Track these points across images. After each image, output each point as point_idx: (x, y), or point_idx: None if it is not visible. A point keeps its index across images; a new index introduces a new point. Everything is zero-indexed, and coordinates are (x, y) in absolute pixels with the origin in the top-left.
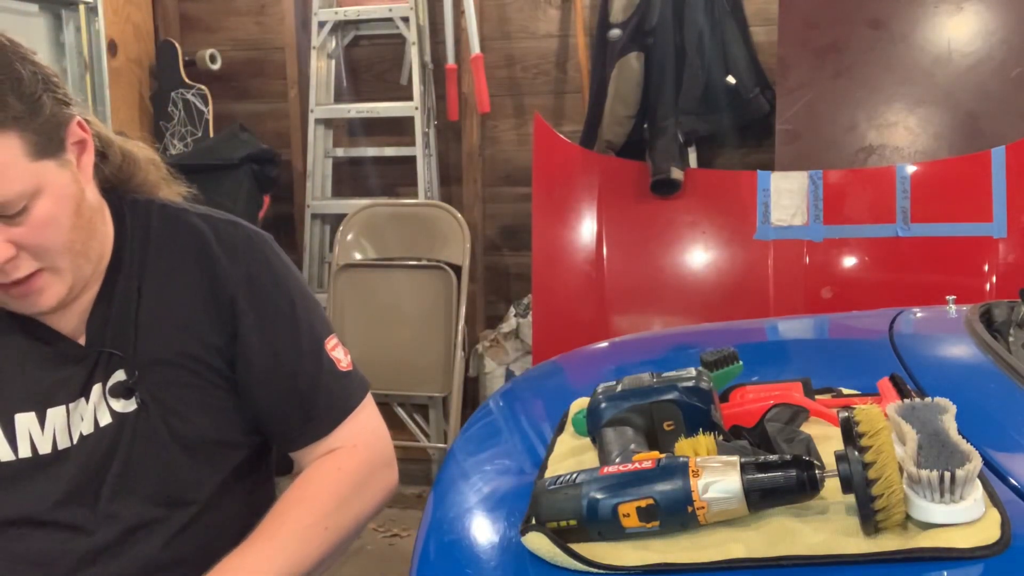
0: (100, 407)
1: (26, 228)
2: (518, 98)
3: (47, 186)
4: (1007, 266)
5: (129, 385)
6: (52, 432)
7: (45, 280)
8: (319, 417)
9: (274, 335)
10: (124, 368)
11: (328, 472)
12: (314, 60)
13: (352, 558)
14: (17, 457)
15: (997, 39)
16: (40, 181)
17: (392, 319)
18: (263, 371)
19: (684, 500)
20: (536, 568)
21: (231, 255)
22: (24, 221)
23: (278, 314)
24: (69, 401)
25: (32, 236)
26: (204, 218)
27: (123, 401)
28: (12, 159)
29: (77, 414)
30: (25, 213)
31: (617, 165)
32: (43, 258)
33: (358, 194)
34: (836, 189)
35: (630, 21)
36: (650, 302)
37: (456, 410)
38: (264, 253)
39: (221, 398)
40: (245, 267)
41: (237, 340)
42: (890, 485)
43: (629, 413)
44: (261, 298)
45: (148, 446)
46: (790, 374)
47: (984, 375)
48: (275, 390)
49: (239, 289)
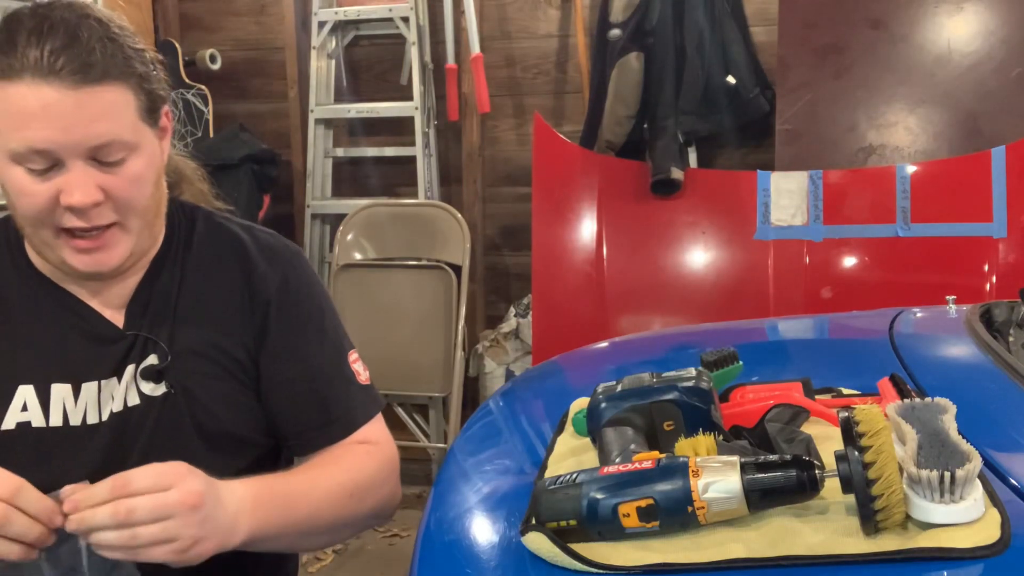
0: (130, 388)
1: (118, 179)
2: (518, 98)
3: (143, 147)
4: (1007, 266)
5: (160, 369)
6: (84, 406)
7: (116, 236)
8: (335, 423)
9: (302, 340)
10: (157, 353)
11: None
12: (314, 60)
13: (352, 558)
14: (48, 425)
15: (997, 39)
16: (140, 140)
17: (392, 319)
18: (288, 373)
19: (684, 500)
20: (536, 568)
21: (269, 262)
22: (118, 172)
23: (308, 321)
24: (102, 378)
25: (121, 188)
26: (244, 228)
27: (152, 384)
28: (127, 108)
29: (108, 392)
30: (120, 164)
31: (617, 165)
32: (122, 212)
33: (358, 194)
34: (836, 189)
35: (630, 21)
36: (650, 302)
37: (456, 410)
38: (298, 264)
39: (244, 395)
40: (281, 274)
41: (266, 341)
42: (890, 485)
43: (629, 413)
44: (293, 304)
45: (171, 431)
46: (790, 374)
47: (984, 375)
48: (296, 393)
49: (274, 294)
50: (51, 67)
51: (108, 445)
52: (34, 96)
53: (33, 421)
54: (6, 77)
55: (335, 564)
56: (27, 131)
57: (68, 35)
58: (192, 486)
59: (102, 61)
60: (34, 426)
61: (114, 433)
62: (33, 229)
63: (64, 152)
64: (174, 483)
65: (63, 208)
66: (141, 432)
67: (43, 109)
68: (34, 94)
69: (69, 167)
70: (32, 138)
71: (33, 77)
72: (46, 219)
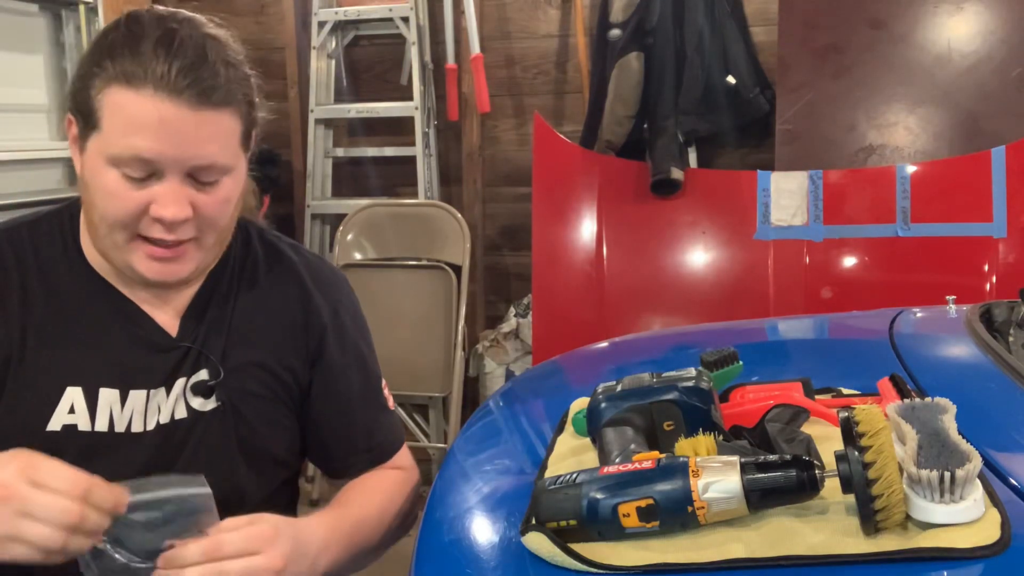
0: (179, 402)
1: (209, 198)
2: (518, 98)
3: (236, 170)
4: (1007, 266)
5: (211, 385)
6: (130, 413)
7: (191, 251)
8: (376, 449)
9: (351, 368)
10: (208, 368)
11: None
12: (314, 60)
13: None
14: (94, 429)
15: (997, 39)
16: (237, 164)
17: (392, 319)
18: (338, 399)
19: (684, 500)
20: (536, 568)
21: (322, 288)
22: (210, 192)
23: (356, 350)
24: (151, 388)
25: (210, 207)
26: (295, 249)
27: (201, 400)
28: (234, 134)
29: (155, 403)
30: (215, 186)
31: (617, 165)
32: (204, 229)
33: (358, 194)
34: (836, 189)
35: (630, 21)
36: (650, 302)
37: (456, 410)
38: (347, 291)
39: (287, 416)
40: (334, 303)
41: (319, 367)
42: (890, 485)
43: (629, 413)
44: (343, 333)
45: (216, 447)
46: (790, 374)
47: (984, 375)
48: (346, 418)
49: (328, 321)
50: (176, 85)
51: (151, 456)
52: (154, 108)
53: (79, 425)
54: (128, 84)
55: None
56: (137, 139)
57: (196, 55)
58: (280, 550)
59: (224, 86)
60: (80, 430)
61: (158, 445)
62: (109, 230)
63: (168, 165)
64: (263, 548)
65: (150, 218)
66: (186, 446)
67: (160, 123)
68: (154, 106)
69: (166, 180)
70: (141, 147)
71: (156, 91)
72: (129, 225)
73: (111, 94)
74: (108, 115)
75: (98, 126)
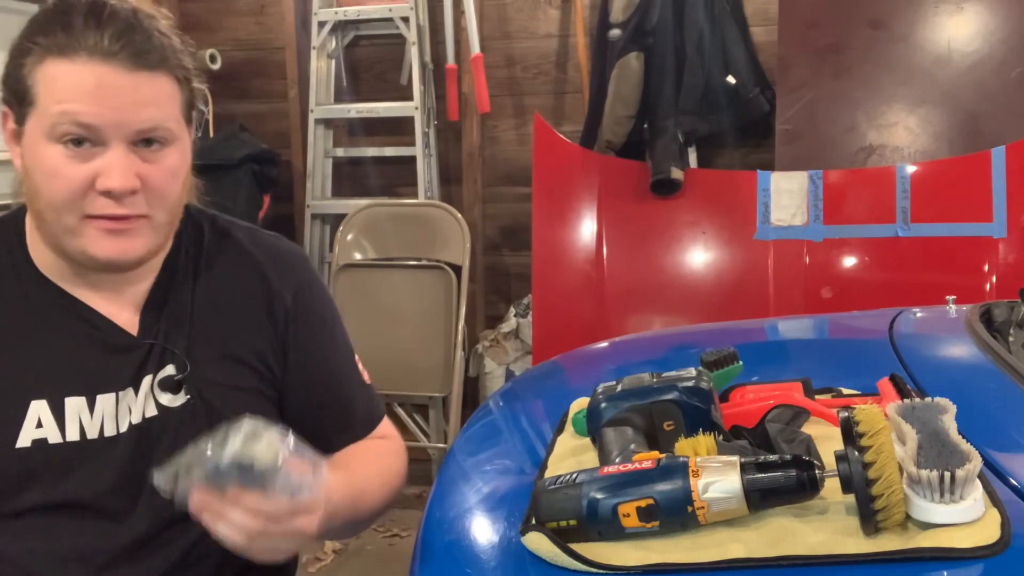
0: (148, 399)
1: (156, 168)
2: (518, 98)
3: (181, 141)
4: (1007, 266)
5: (178, 380)
6: (101, 418)
7: (143, 227)
8: (359, 423)
9: (321, 345)
10: (175, 363)
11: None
12: (314, 60)
13: (352, 558)
14: (65, 440)
15: (997, 39)
16: (180, 134)
17: (392, 319)
18: (312, 379)
19: (684, 500)
20: (536, 568)
21: (282, 270)
22: (157, 162)
23: (322, 327)
24: (119, 389)
25: (158, 178)
26: (250, 232)
27: (170, 395)
28: (173, 100)
29: (125, 404)
30: (160, 155)
31: (617, 165)
32: (154, 205)
33: (358, 194)
34: (836, 189)
35: (630, 21)
36: (650, 302)
37: (456, 410)
38: (308, 269)
39: (262, 404)
40: (295, 282)
41: (288, 350)
42: (890, 485)
43: (629, 413)
44: (310, 312)
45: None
46: (790, 374)
47: (984, 375)
48: (322, 397)
49: (291, 303)
50: (110, 49)
51: (129, 457)
52: (90, 73)
53: (49, 438)
54: (61, 54)
55: (335, 564)
56: (75, 104)
57: (126, 22)
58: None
59: (159, 49)
60: (51, 442)
61: (134, 445)
62: (56, 215)
63: (110, 132)
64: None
65: (96, 193)
66: (161, 443)
67: (98, 86)
68: (89, 71)
69: (110, 149)
70: (79, 111)
71: (91, 56)
72: (76, 204)
73: (44, 68)
74: (43, 89)
75: (33, 103)
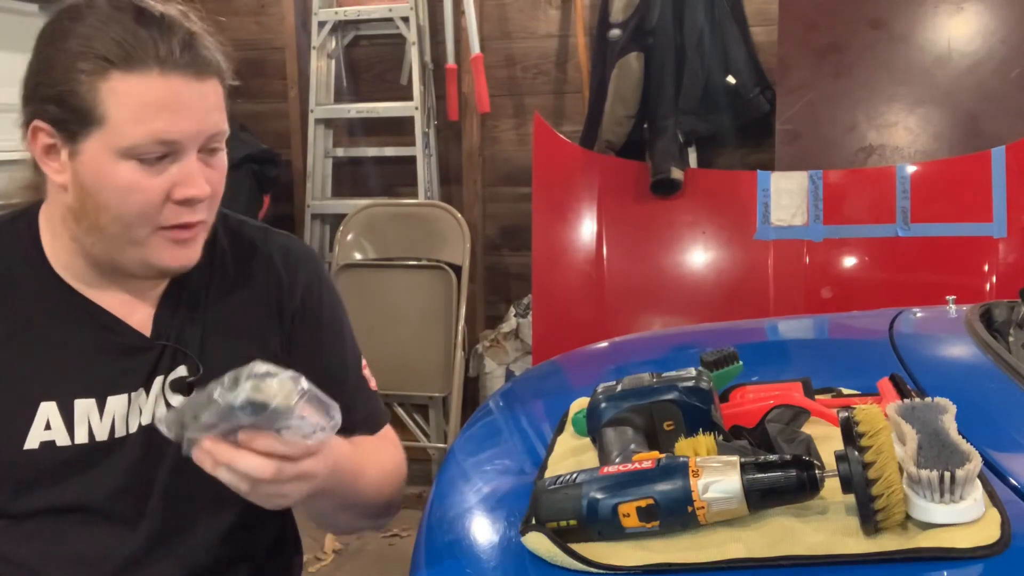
0: (159, 401)
1: (216, 172)
2: (518, 98)
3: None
4: (1007, 266)
5: (191, 381)
6: (111, 419)
7: (201, 232)
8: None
9: (327, 346)
10: (187, 364)
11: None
12: (314, 60)
13: (352, 558)
14: (73, 443)
15: (997, 39)
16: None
17: (392, 319)
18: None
19: (684, 500)
20: (536, 568)
21: (292, 269)
22: (215, 164)
23: (331, 328)
24: (131, 390)
25: (217, 181)
26: (261, 231)
27: (181, 397)
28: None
29: (136, 405)
30: (217, 157)
31: (617, 165)
32: (211, 209)
33: (358, 194)
34: (836, 189)
35: (630, 21)
36: (650, 302)
37: (456, 410)
38: (319, 269)
39: None
40: (305, 281)
41: (295, 350)
42: (890, 485)
43: (629, 413)
44: (317, 311)
45: None
46: (790, 374)
47: (984, 375)
48: None
49: (300, 303)
50: (179, 60)
51: (137, 458)
52: (165, 87)
53: (58, 440)
54: (129, 68)
55: (335, 564)
56: (158, 122)
57: (185, 29)
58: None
59: (212, 56)
60: (59, 445)
61: (143, 446)
62: (125, 229)
63: (187, 143)
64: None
65: (171, 203)
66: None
67: (175, 101)
68: (165, 85)
69: (184, 159)
70: (163, 129)
71: (162, 69)
72: (150, 217)
73: (111, 83)
74: (114, 107)
75: (101, 121)
